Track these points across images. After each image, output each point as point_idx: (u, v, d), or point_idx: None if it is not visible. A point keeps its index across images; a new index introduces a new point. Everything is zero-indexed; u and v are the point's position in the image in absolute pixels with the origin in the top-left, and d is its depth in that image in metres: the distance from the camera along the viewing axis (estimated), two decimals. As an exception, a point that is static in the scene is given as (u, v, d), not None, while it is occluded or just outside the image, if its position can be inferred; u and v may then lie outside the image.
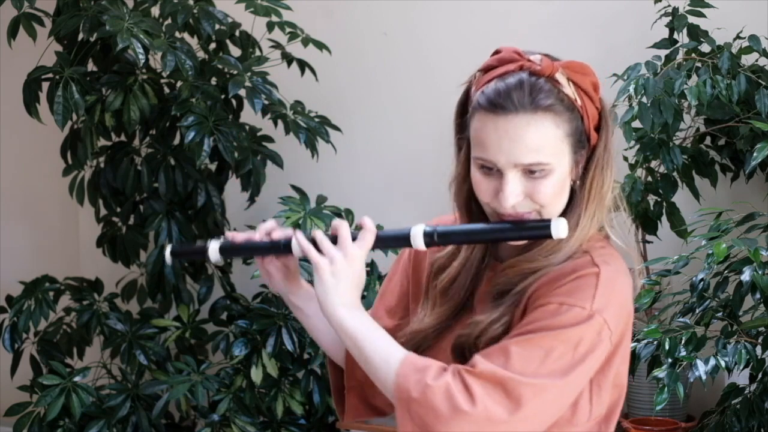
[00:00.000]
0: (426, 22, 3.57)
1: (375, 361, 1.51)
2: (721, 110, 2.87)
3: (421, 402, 1.43)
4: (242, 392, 3.22)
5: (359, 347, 1.52)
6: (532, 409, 1.44)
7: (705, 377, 2.40)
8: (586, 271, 1.51)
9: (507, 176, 1.50)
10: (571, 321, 1.46)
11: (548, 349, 1.45)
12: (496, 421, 1.42)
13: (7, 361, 3.46)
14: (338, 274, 1.55)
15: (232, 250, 1.65)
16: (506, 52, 1.53)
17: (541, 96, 1.49)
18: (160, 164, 3.38)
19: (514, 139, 1.48)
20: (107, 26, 3.01)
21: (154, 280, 3.46)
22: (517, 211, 1.52)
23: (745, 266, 2.48)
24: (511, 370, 1.43)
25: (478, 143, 1.52)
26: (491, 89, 1.50)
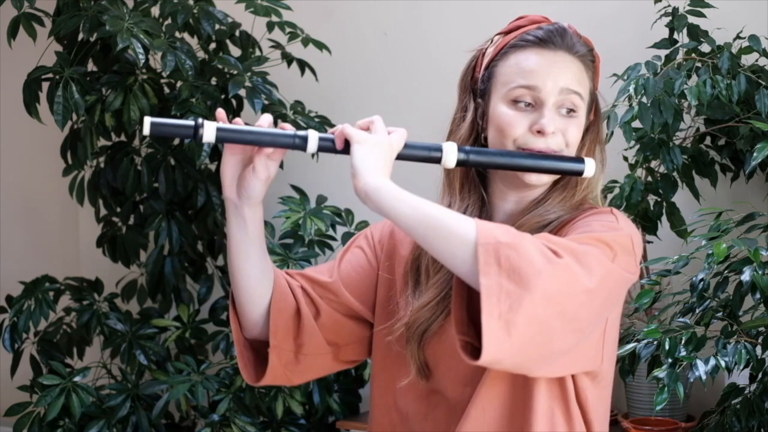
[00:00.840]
0: (426, 22, 3.57)
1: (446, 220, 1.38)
2: (721, 110, 2.87)
3: (515, 246, 1.34)
4: (242, 392, 3.22)
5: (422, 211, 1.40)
6: (601, 282, 1.40)
7: (705, 377, 2.40)
8: (599, 209, 1.56)
9: (548, 104, 1.54)
10: (605, 229, 1.48)
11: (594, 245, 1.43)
12: (579, 281, 1.37)
13: (7, 361, 3.46)
14: (381, 148, 1.48)
15: (234, 132, 1.48)
16: (530, 15, 1.63)
17: (581, 47, 1.60)
18: (160, 164, 3.38)
19: (563, 67, 1.57)
20: (107, 26, 3.01)
21: (154, 280, 3.46)
22: (547, 145, 1.55)
23: (745, 266, 2.47)
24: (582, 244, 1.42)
25: (519, 73, 1.56)
26: (535, 31, 1.59)
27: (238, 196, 1.55)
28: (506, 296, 1.33)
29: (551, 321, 1.35)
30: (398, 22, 3.63)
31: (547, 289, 1.34)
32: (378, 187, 1.42)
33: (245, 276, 1.59)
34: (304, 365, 1.66)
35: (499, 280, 1.33)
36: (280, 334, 1.62)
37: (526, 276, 1.33)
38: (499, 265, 1.34)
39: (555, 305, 1.35)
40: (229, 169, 1.54)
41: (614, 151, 2.97)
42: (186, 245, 3.44)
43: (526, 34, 1.59)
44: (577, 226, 1.51)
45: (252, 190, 1.53)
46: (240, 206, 1.55)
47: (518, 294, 1.33)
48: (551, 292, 1.34)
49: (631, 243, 1.49)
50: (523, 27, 1.61)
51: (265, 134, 1.49)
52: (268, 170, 1.53)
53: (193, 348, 3.45)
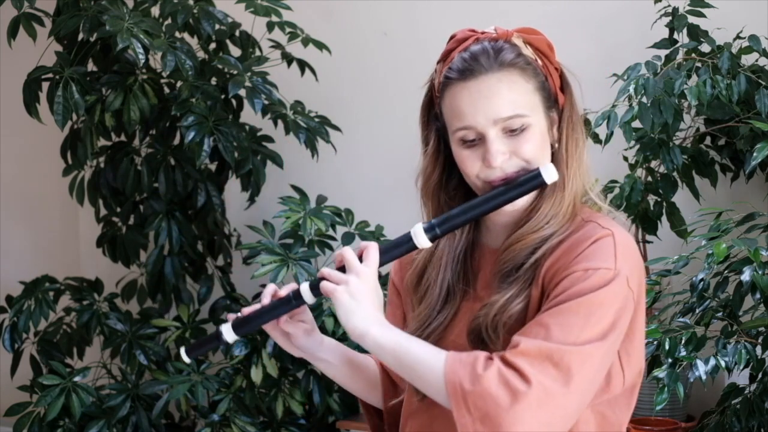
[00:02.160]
0: (426, 22, 3.57)
1: (419, 367, 1.49)
2: (721, 110, 2.87)
3: (478, 393, 1.43)
4: (242, 392, 3.22)
5: (399, 358, 1.51)
6: (583, 377, 1.45)
7: (705, 377, 2.40)
8: (600, 234, 1.53)
9: (489, 136, 1.53)
10: (599, 283, 1.48)
11: (585, 314, 1.46)
12: (553, 395, 1.43)
13: (7, 361, 3.46)
14: (356, 294, 1.53)
15: (246, 323, 1.63)
16: (460, 33, 1.60)
17: (504, 53, 1.55)
18: (160, 164, 3.38)
19: (489, 96, 1.53)
20: (107, 26, 3.01)
21: (154, 280, 3.46)
22: (505, 173, 1.54)
23: (745, 266, 2.47)
24: (554, 341, 1.45)
25: (455, 115, 1.55)
26: (456, 60, 1.56)
27: (305, 353, 1.68)
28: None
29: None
30: (398, 22, 3.63)
31: (520, 419, 1.42)
32: (361, 336, 1.51)
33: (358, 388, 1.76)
34: None
35: (475, 428, 1.44)
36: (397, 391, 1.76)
37: (496, 419, 1.42)
38: (471, 414, 1.44)
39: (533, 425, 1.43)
40: (279, 339, 1.67)
41: (614, 151, 2.98)
42: (186, 245, 3.44)
43: (449, 68, 1.56)
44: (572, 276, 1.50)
45: (303, 344, 1.66)
46: (311, 356, 1.69)
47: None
48: (525, 421, 1.42)
49: (627, 284, 1.51)
50: (453, 51, 1.58)
51: (268, 312, 1.62)
52: (302, 324, 1.65)
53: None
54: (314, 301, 1.60)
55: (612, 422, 1.60)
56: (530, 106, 1.55)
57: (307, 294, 1.58)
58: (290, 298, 1.60)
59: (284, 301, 1.60)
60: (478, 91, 1.53)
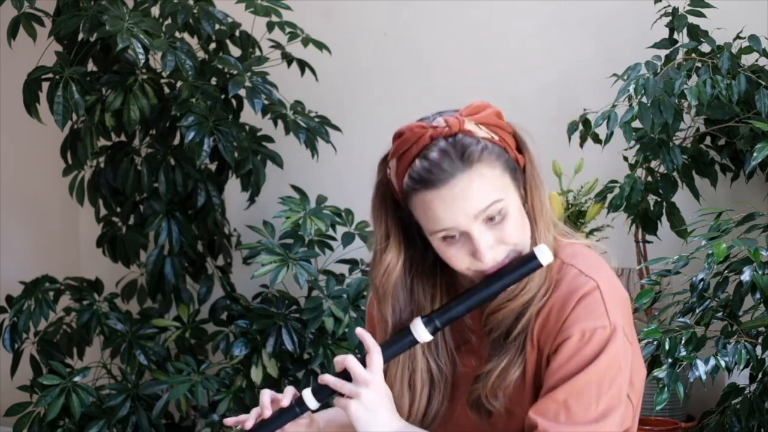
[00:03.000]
0: (426, 23, 3.57)
1: None
2: (721, 110, 2.87)
3: None
4: (242, 392, 3.22)
5: None
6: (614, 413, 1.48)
7: (705, 377, 2.40)
8: (586, 289, 1.53)
9: (474, 233, 1.51)
10: (601, 346, 1.50)
11: (597, 384, 1.48)
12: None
13: (7, 361, 3.46)
14: (370, 405, 1.52)
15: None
16: (409, 131, 1.55)
17: (468, 152, 1.50)
18: (160, 164, 3.38)
19: (464, 198, 1.50)
20: (107, 26, 3.01)
21: (154, 280, 3.46)
22: (497, 261, 1.53)
23: (745, 266, 2.47)
24: (578, 422, 1.47)
25: (431, 220, 1.52)
26: (418, 169, 1.51)
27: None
28: None
29: None
30: (398, 22, 3.62)
31: None
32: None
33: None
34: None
35: None
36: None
37: None
38: None
39: None
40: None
41: (614, 151, 2.98)
42: (186, 245, 3.43)
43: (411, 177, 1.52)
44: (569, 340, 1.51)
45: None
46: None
47: None
48: None
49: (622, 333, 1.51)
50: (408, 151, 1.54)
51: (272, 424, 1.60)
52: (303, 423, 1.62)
53: (193, 348, 3.45)
54: (318, 407, 1.58)
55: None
56: (503, 188, 1.53)
57: (311, 401, 1.57)
58: (293, 407, 1.59)
59: (287, 410, 1.59)
60: (452, 196, 1.50)
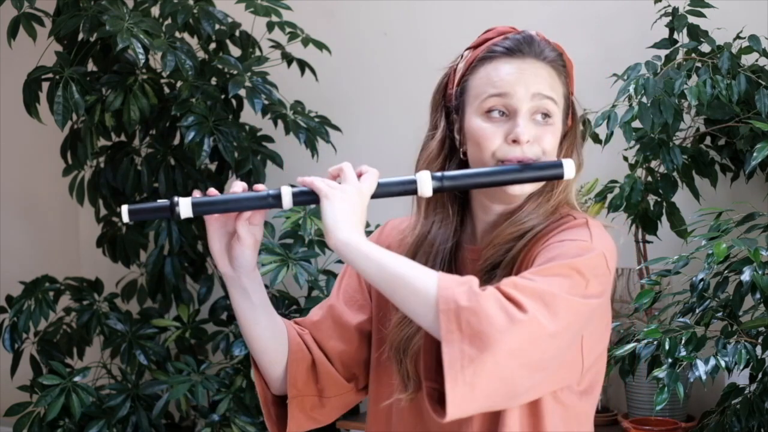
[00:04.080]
0: (426, 22, 3.57)
1: (409, 279, 1.40)
2: (721, 110, 2.87)
3: (475, 310, 1.34)
4: (242, 392, 3.22)
5: (384, 266, 1.42)
6: (567, 323, 1.40)
7: (705, 377, 2.40)
8: (574, 222, 1.54)
9: (521, 112, 1.53)
10: (577, 251, 1.47)
11: (566, 275, 1.43)
12: (543, 330, 1.37)
13: (7, 361, 3.46)
14: (350, 200, 1.48)
15: (208, 204, 1.51)
16: (501, 27, 1.61)
17: (550, 52, 1.58)
18: (160, 164, 3.38)
19: (533, 75, 1.55)
20: (107, 26, 3.01)
21: (154, 280, 3.46)
22: (525, 155, 1.53)
23: (745, 266, 2.47)
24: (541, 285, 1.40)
25: (490, 83, 1.55)
26: (504, 41, 1.57)
27: (232, 268, 1.57)
28: (469, 362, 1.34)
29: (515, 373, 1.37)
30: (398, 22, 3.63)
31: (510, 347, 1.35)
32: (346, 243, 1.44)
33: (260, 341, 1.63)
34: (329, 406, 1.71)
35: (461, 347, 1.34)
36: (300, 384, 1.66)
37: (487, 339, 1.33)
38: (461, 331, 1.35)
39: (518, 359, 1.36)
40: (216, 243, 1.56)
41: (614, 151, 2.98)
42: (186, 245, 3.44)
43: (494, 45, 1.58)
44: (549, 247, 1.49)
45: (243, 259, 1.56)
46: (237, 278, 1.58)
47: (481, 359, 1.34)
48: (514, 349, 1.35)
49: (605, 262, 1.49)
50: (491, 39, 1.60)
51: (238, 200, 1.52)
52: (253, 236, 1.56)
53: (193, 348, 3.45)
54: (290, 207, 1.53)
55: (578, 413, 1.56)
56: (559, 99, 1.57)
57: (287, 197, 1.51)
58: (266, 196, 1.51)
59: (258, 196, 1.52)
60: (523, 68, 1.55)
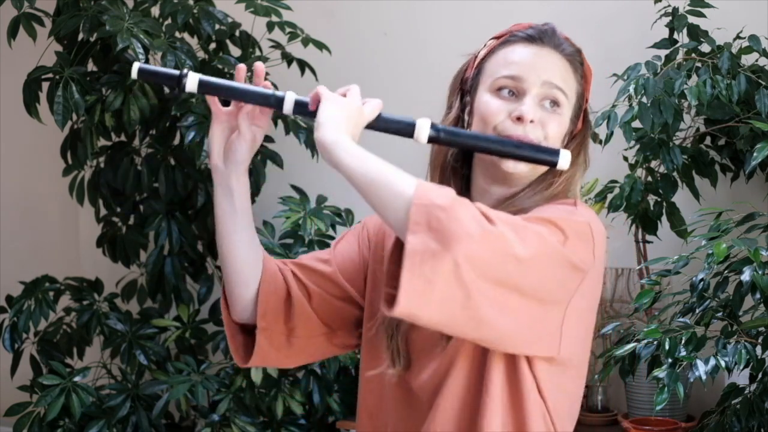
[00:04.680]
0: (426, 23, 3.57)
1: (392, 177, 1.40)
2: (721, 110, 2.87)
3: (447, 209, 1.34)
4: (242, 392, 3.22)
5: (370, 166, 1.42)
6: (535, 253, 1.39)
7: (705, 377, 2.40)
8: (565, 200, 1.56)
9: (530, 94, 1.56)
10: (560, 213, 1.48)
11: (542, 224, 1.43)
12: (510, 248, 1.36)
13: (7, 361, 3.46)
14: (349, 110, 1.52)
15: (215, 87, 1.55)
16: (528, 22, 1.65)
17: (568, 46, 1.62)
18: (160, 164, 3.38)
19: (547, 62, 1.58)
20: (107, 26, 3.01)
21: (154, 280, 3.46)
22: (526, 135, 1.55)
23: (745, 266, 2.47)
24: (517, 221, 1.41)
25: (506, 65, 1.59)
26: (526, 29, 1.62)
27: (224, 163, 1.59)
28: (430, 255, 1.33)
29: (473, 282, 1.35)
30: (398, 22, 3.63)
31: (472, 250, 1.34)
32: (335, 140, 1.46)
33: (233, 252, 1.61)
34: (296, 348, 1.68)
35: (425, 239, 1.33)
36: (270, 316, 1.64)
37: (451, 237, 1.32)
38: (428, 225, 1.34)
39: (477, 268, 1.35)
40: (216, 136, 1.59)
41: (614, 151, 2.98)
42: (186, 245, 3.44)
43: (514, 33, 1.63)
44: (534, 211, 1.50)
45: (238, 154, 1.58)
46: (227, 175, 1.59)
47: (442, 255, 1.33)
48: (475, 254, 1.34)
49: (589, 229, 1.48)
50: (515, 30, 1.65)
51: (244, 91, 1.56)
52: (253, 133, 1.59)
53: (193, 348, 3.45)
54: (289, 112, 1.57)
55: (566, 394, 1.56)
56: (569, 96, 1.59)
57: (289, 101, 1.56)
58: (270, 95, 1.56)
59: (262, 93, 1.56)
60: (539, 55, 1.59)
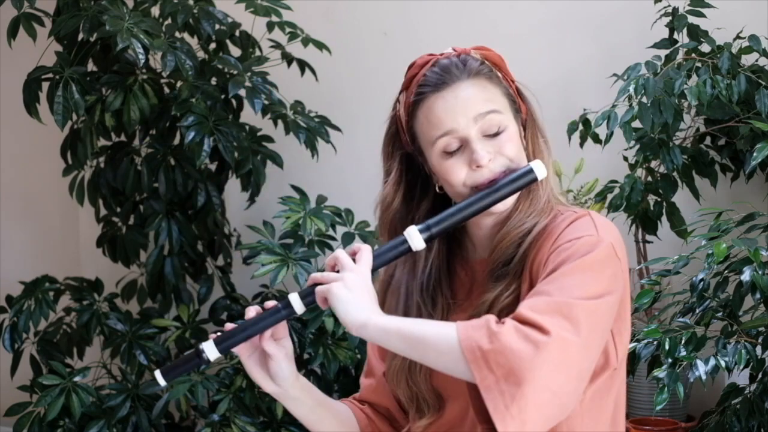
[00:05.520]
0: (426, 22, 3.57)
1: (430, 340, 1.46)
2: (721, 110, 2.87)
3: (498, 349, 1.40)
4: (242, 392, 3.22)
5: (406, 336, 1.48)
6: (591, 330, 1.45)
7: (705, 377, 2.40)
8: (577, 216, 1.58)
9: (472, 138, 1.57)
10: (586, 248, 1.51)
11: (579, 276, 1.48)
12: (570, 345, 1.42)
13: (7, 361, 3.46)
14: (353, 287, 1.52)
15: (229, 337, 1.58)
16: (419, 59, 1.65)
17: (472, 64, 1.60)
18: (160, 164, 3.38)
19: (466, 99, 1.58)
20: (107, 26, 3.01)
21: (154, 280, 3.46)
22: (493, 173, 1.57)
23: (745, 266, 2.48)
24: (557, 297, 1.45)
25: (432, 126, 1.59)
26: (427, 75, 1.60)
27: (276, 385, 1.64)
28: (511, 400, 1.40)
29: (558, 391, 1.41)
30: (398, 22, 3.63)
31: (544, 373, 1.40)
32: (362, 326, 1.50)
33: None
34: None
35: (499, 388, 1.40)
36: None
37: (521, 373, 1.39)
38: (494, 373, 1.40)
39: (556, 380, 1.41)
40: (254, 369, 1.63)
41: (614, 151, 2.98)
42: (186, 245, 3.44)
43: (419, 86, 1.61)
44: (559, 250, 1.53)
45: (281, 372, 1.62)
46: (285, 392, 1.65)
47: (521, 393, 1.39)
48: (549, 373, 1.40)
49: (614, 250, 1.53)
50: (416, 75, 1.63)
51: (255, 323, 1.57)
52: (284, 348, 1.62)
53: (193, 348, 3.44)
54: (304, 311, 1.56)
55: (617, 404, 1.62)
56: (502, 106, 1.60)
57: (297, 303, 1.55)
58: (278, 308, 1.56)
59: (271, 311, 1.57)
60: (455, 96, 1.58)
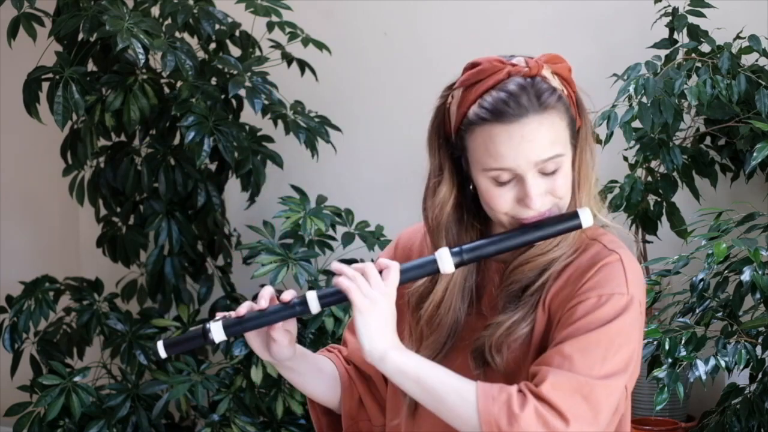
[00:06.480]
0: (426, 22, 3.57)
1: (449, 399, 1.46)
2: (721, 110, 2.87)
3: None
4: (242, 392, 3.22)
5: (424, 387, 1.48)
6: (608, 410, 1.47)
7: (705, 377, 2.40)
8: (608, 260, 1.52)
9: (529, 180, 1.50)
10: (616, 311, 1.48)
11: (606, 345, 1.46)
12: (587, 429, 1.44)
13: (7, 361, 3.46)
14: (380, 310, 1.48)
15: (240, 323, 1.55)
16: (487, 63, 1.52)
17: (545, 95, 1.50)
18: (160, 164, 3.38)
19: (532, 140, 1.48)
20: (107, 26, 3.01)
21: (154, 280, 3.46)
22: (540, 212, 1.52)
23: (745, 266, 2.48)
24: (581, 374, 1.45)
25: (490, 155, 1.50)
26: (493, 99, 1.49)
27: (275, 359, 1.63)
28: None
29: None
30: (398, 22, 3.63)
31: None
32: (381, 357, 1.49)
33: (316, 393, 1.73)
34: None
35: None
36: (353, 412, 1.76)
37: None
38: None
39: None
40: (258, 348, 1.62)
41: (614, 151, 2.98)
42: (186, 245, 3.44)
43: (483, 107, 1.49)
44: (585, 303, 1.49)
45: (282, 354, 1.61)
46: (283, 364, 1.65)
47: None
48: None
49: (639, 309, 1.52)
50: (480, 83, 1.51)
51: (268, 315, 1.55)
52: (289, 334, 1.60)
53: (199, 325, 3.44)
54: (319, 311, 1.54)
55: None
56: (565, 143, 1.52)
57: (314, 303, 1.52)
58: (294, 305, 1.53)
59: (287, 306, 1.54)
60: (521, 135, 1.48)
